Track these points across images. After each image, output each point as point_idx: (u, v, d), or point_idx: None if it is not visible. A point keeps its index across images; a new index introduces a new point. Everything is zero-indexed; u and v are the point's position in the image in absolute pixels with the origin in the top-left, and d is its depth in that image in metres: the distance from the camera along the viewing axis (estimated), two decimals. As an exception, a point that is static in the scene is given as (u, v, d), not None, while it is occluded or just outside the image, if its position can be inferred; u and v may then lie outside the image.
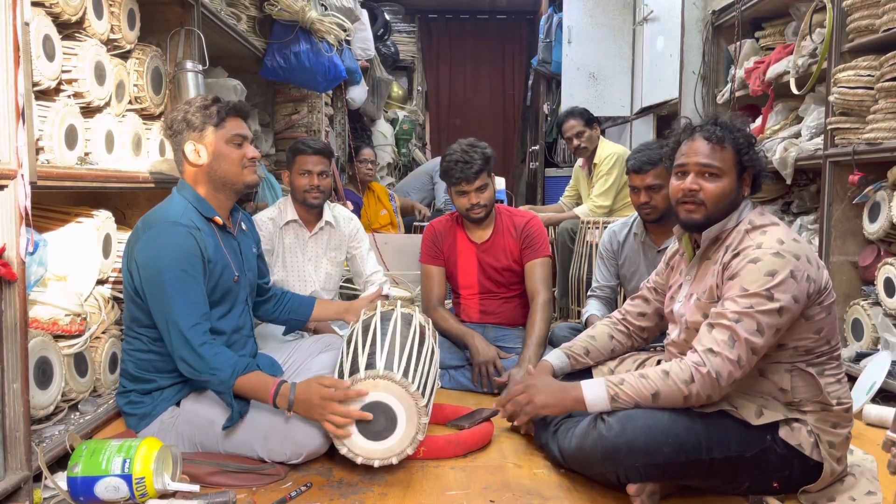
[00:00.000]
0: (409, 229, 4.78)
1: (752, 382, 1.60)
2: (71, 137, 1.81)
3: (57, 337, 1.75)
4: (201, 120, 1.85)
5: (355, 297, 3.20)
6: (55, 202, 2.02)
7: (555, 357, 1.95)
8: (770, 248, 1.52)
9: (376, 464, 1.72)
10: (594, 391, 1.60)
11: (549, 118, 6.34)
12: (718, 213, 1.64)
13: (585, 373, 1.97)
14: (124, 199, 2.32)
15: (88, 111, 1.95)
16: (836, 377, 1.61)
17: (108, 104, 2.02)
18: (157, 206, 1.88)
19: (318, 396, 1.68)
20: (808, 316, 1.55)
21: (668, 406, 1.55)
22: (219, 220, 1.90)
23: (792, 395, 1.58)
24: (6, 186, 1.43)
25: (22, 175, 1.44)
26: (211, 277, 1.83)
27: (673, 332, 1.78)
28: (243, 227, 2.07)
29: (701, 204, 1.64)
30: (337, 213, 2.95)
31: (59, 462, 1.64)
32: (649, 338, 2.00)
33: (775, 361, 1.59)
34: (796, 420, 1.57)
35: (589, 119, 3.77)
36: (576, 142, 3.78)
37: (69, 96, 1.86)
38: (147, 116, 2.30)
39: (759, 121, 3.27)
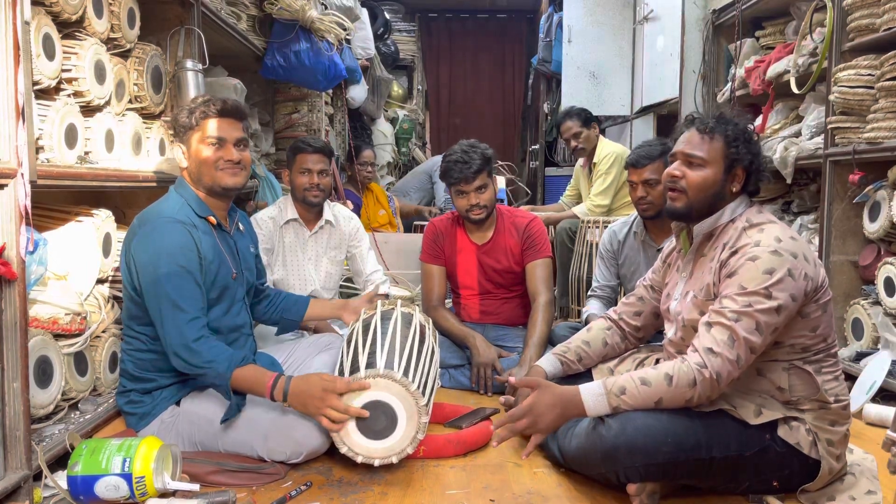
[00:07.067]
0: (409, 229, 4.77)
1: (750, 381, 1.60)
2: (71, 136, 1.81)
3: (57, 336, 1.75)
4: (185, 123, 1.85)
5: (355, 296, 3.20)
6: (55, 201, 2.02)
7: (548, 363, 1.95)
8: (768, 246, 1.52)
9: (376, 463, 1.72)
10: (595, 403, 1.57)
11: (549, 117, 6.34)
12: (700, 203, 1.64)
13: (585, 373, 1.97)
14: (124, 199, 2.32)
15: (88, 110, 1.95)
16: (834, 375, 1.61)
17: (108, 103, 2.02)
18: (154, 204, 1.88)
19: (318, 388, 1.68)
20: (804, 314, 1.55)
21: (669, 408, 1.55)
22: (212, 219, 1.90)
23: (790, 394, 1.58)
24: (6, 185, 1.43)
25: (22, 174, 1.44)
26: (208, 275, 1.83)
27: (669, 331, 1.77)
28: (240, 227, 2.07)
29: (682, 192, 1.65)
30: (337, 211, 2.95)
31: (60, 461, 1.64)
32: (644, 337, 2.00)
33: (773, 360, 1.58)
34: (794, 418, 1.57)
35: (587, 119, 3.77)
36: (573, 142, 3.78)
37: (69, 95, 1.86)
38: (147, 115, 2.30)
39: (759, 120, 3.27)
